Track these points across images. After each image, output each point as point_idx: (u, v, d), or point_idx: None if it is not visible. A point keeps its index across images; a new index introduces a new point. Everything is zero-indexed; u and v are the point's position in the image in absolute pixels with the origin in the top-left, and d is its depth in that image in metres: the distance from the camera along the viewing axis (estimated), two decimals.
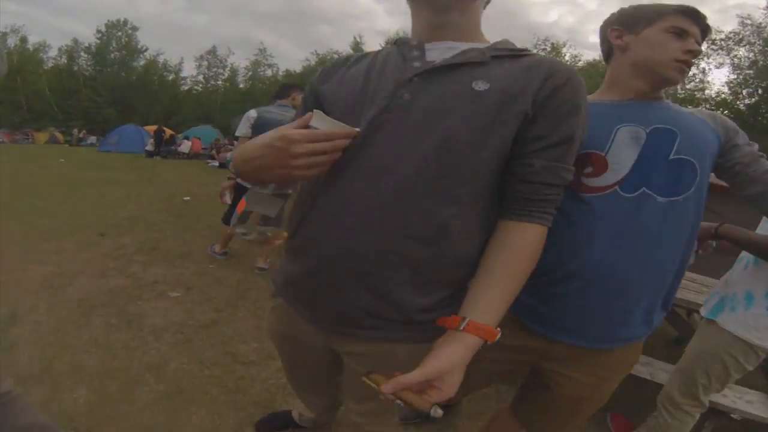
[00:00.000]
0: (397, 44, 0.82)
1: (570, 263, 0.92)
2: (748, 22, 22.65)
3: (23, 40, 36.65)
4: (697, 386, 1.50)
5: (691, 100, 24.41)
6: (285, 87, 3.41)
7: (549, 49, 33.25)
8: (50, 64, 38.37)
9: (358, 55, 0.87)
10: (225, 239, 3.75)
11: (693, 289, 2.38)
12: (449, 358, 0.67)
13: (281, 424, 1.73)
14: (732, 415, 1.88)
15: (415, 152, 0.69)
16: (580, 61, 32.38)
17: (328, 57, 37.39)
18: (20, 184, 6.66)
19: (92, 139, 24.43)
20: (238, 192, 3.40)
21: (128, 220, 4.80)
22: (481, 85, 0.69)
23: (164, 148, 14.94)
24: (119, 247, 3.78)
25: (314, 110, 0.70)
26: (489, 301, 0.71)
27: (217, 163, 12.99)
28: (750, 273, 1.45)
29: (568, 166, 0.73)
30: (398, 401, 0.64)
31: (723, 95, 24.38)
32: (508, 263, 0.72)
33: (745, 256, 1.52)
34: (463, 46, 0.75)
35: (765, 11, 23.70)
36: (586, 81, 0.75)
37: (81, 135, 25.30)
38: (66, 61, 38.38)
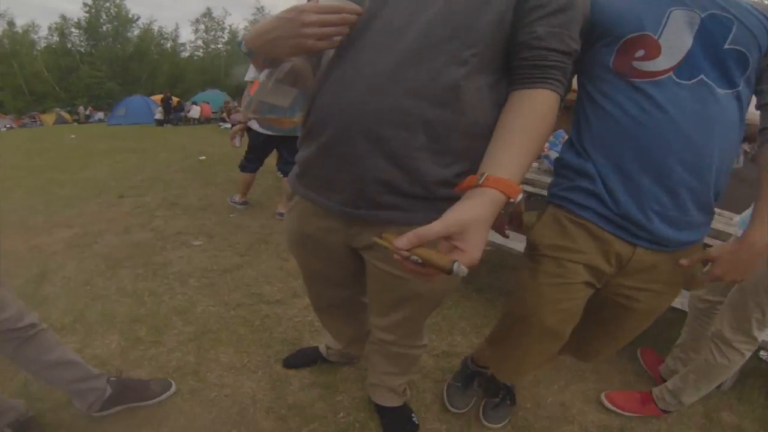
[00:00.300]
0: None
1: (640, 160, 0.86)
2: None
3: (11, 23, 35.74)
4: (749, 321, 1.35)
5: None
6: None
7: None
8: (43, 44, 37.43)
9: None
10: (244, 188, 3.69)
11: (720, 221, 2.21)
12: (469, 210, 0.62)
13: (309, 360, 1.72)
14: (761, 355, 1.75)
15: (418, 20, 0.72)
16: None
17: None
18: (36, 161, 6.71)
19: (100, 114, 24.27)
20: (250, 136, 3.30)
21: (146, 181, 4.79)
22: None
23: (174, 115, 14.77)
24: (140, 206, 3.78)
25: None
26: (506, 158, 0.68)
27: (229, 125, 12.82)
28: None
29: (572, 34, 0.73)
30: (414, 257, 0.56)
31: None
32: (523, 123, 0.71)
33: None
34: None
35: None
36: None
37: (88, 112, 25.25)
38: (58, 40, 37.30)
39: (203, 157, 6.41)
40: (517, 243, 2.22)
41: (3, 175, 5.47)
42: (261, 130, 3.15)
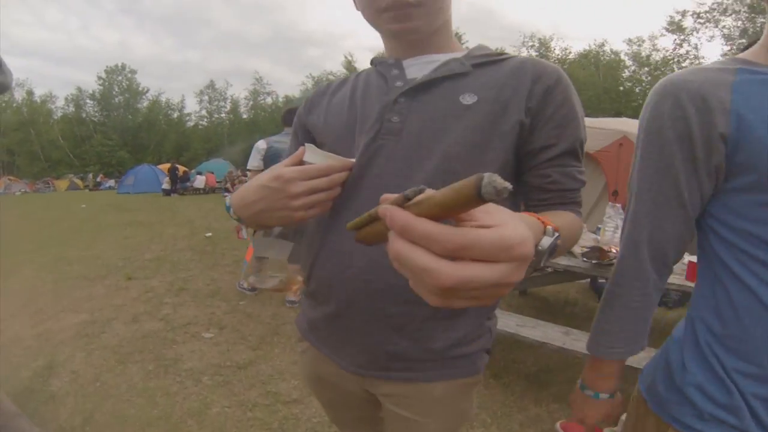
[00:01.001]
0: (375, 64, 0.80)
1: None
2: None
3: (30, 93, 38.42)
4: None
5: None
6: (290, 112, 3.25)
7: (537, 45, 32.82)
8: (59, 114, 40.07)
9: (339, 81, 0.86)
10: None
11: None
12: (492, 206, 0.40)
13: None
14: None
15: (416, 176, 0.66)
16: (570, 53, 31.64)
17: (323, 78, 38.00)
18: (47, 232, 6.88)
19: (110, 182, 25.34)
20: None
21: (154, 261, 4.85)
22: (468, 99, 0.67)
23: (180, 185, 15.27)
24: (148, 290, 3.80)
25: (306, 144, 0.68)
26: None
27: None
28: None
29: (581, 168, 0.71)
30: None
31: None
32: (551, 213, 0.65)
33: None
34: (442, 57, 0.73)
35: None
36: (579, 72, 0.75)
37: (99, 179, 26.28)
38: (74, 110, 40.02)
39: (209, 234, 6.52)
40: (529, 330, 2.21)
41: (16, 248, 5.56)
42: None
